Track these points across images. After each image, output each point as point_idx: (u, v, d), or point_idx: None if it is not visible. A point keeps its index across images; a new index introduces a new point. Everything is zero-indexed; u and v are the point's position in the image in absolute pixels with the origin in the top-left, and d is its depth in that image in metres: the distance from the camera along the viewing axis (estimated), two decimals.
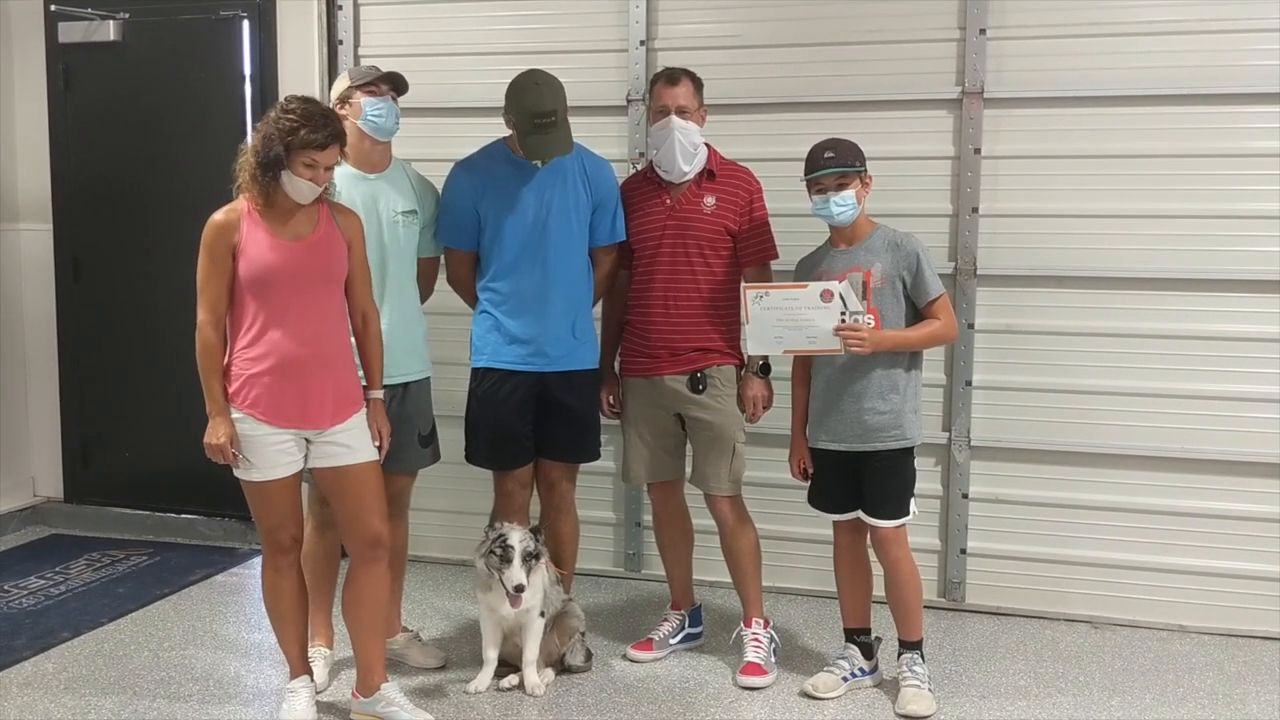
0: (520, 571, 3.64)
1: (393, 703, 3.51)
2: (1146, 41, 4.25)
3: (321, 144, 3.23)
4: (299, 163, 3.22)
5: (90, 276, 5.56)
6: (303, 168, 3.23)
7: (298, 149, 3.21)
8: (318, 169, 3.26)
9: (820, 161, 3.59)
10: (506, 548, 3.66)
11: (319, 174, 3.27)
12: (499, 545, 3.68)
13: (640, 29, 4.69)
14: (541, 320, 3.84)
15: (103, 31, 5.37)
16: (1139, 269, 4.31)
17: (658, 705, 3.71)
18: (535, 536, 3.74)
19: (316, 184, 3.28)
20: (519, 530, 3.72)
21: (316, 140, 3.22)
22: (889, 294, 3.59)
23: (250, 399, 3.30)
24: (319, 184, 3.29)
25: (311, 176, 3.25)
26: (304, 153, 3.22)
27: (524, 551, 3.66)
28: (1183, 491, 4.35)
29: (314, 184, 3.27)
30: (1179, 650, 4.20)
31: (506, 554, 3.65)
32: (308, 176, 3.25)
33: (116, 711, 3.64)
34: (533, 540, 3.71)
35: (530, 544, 3.69)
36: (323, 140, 3.23)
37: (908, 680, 3.68)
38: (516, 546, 3.65)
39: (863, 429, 3.61)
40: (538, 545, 3.72)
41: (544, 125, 3.69)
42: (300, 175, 3.24)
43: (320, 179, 3.28)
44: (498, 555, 3.67)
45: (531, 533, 3.74)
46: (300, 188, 3.26)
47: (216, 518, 5.38)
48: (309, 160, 3.23)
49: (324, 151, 3.25)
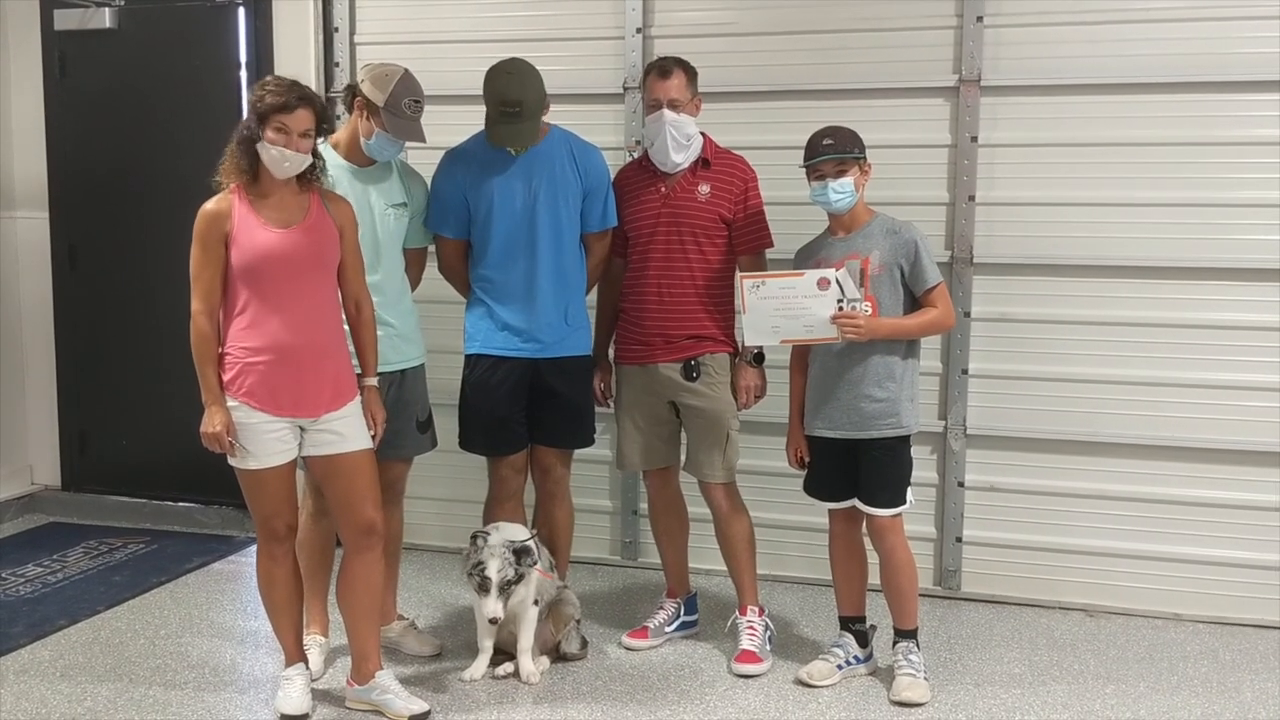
0: (496, 604, 3.58)
1: (388, 690, 3.52)
2: (1145, 29, 4.23)
3: (290, 107, 3.22)
4: (269, 129, 3.22)
5: (87, 264, 5.56)
6: (273, 133, 3.22)
7: (267, 115, 3.21)
8: (290, 135, 3.23)
9: (819, 148, 3.58)
10: (484, 577, 3.60)
11: (292, 140, 3.24)
12: (478, 572, 3.62)
13: (637, 16, 4.67)
14: (532, 307, 3.84)
15: (99, 19, 5.36)
16: (1136, 257, 4.30)
17: (653, 693, 3.72)
18: (520, 557, 3.64)
19: (289, 150, 3.23)
20: (499, 556, 3.61)
21: (281, 103, 3.21)
22: (886, 282, 3.58)
23: (246, 387, 3.29)
24: (292, 150, 3.24)
25: (284, 143, 3.22)
26: (274, 118, 3.21)
27: (501, 581, 3.59)
28: (1179, 480, 4.35)
29: (286, 150, 3.23)
30: (1174, 638, 4.20)
31: (484, 583, 3.61)
32: (280, 142, 3.22)
33: (112, 699, 3.64)
34: (513, 566, 3.62)
35: (509, 571, 3.61)
36: (289, 103, 3.22)
37: (902, 668, 3.68)
38: (494, 578, 3.59)
39: (859, 417, 3.61)
40: (520, 568, 3.64)
41: (509, 114, 3.67)
42: (273, 142, 3.22)
43: (293, 145, 3.24)
44: (476, 580, 3.63)
45: (515, 554, 3.64)
46: (274, 157, 3.23)
47: (214, 506, 5.38)
48: (278, 124, 3.22)
49: (292, 114, 3.22)
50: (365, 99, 3.62)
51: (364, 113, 3.63)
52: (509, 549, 3.64)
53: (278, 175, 3.28)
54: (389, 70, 3.64)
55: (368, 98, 3.61)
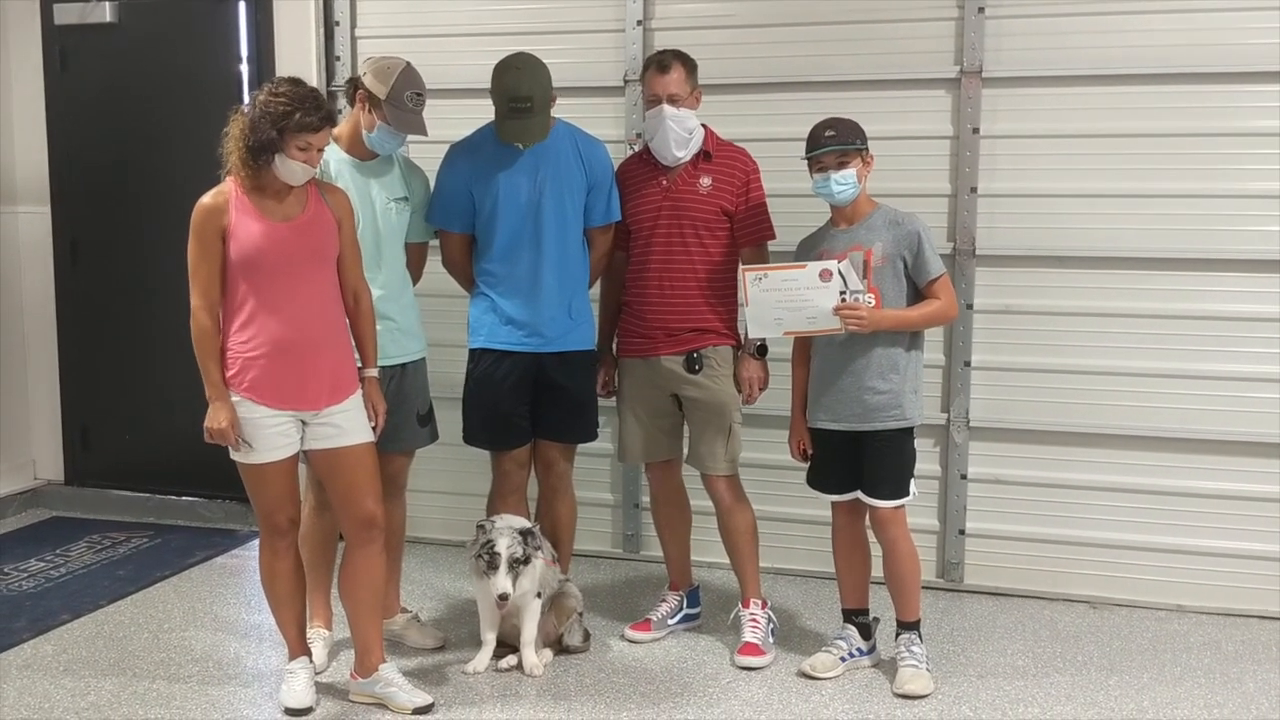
0: (505, 580, 3.60)
1: (391, 683, 3.52)
2: (1146, 20, 4.22)
3: (316, 127, 3.23)
4: (293, 146, 3.22)
5: (89, 259, 5.55)
6: (297, 150, 3.22)
7: (292, 132, 3.20)
8: (311, 151, 3.25)
9: (821, 140, 3.57)
10: (493, 554, 3.62)
11: (313, 155, 3.27)
12: (486, 550, 3.64)
13: (637, 9, 4.67)
14: (536, 301, 3.83)
15: (99, 13, 5.35)
16: (1139, 249, 4.29)
17: (655, 685, 3.72)
18: (526, 539, 3.68)
19: (310, 166, 3.27)
20: (506, 535, 3.65)
21: (311, 124, 3.22)
22: (889, 273, 3.58)
23: (248, 382, 3.29)
24: (313, 165, 3.28)
25: (306, 159, 3.25)
26: (299, 136, 3.21)
27: (510, 558, 3.61)
28: (1182, 471, 4.34)
29: (308, 166, 3.26)
30: (1177, 630, 4.20)
31: (493, 560, 3.62)
32: (302, 159, 3.24)
33: (116, 693, 3.65)
34: (521, 545, 3.65)
35: (518, 549, 3.64)
36: (317, 123, 3.23)
37: (905, 660, 3.68)
38: (503, 553, 3.61)
39: (862, 409, 3.61)
40: (527, 549, 3.67)
41: (519, 110, 3.67)
42: (295, 158, 3.23)
43: (314, 160, 3.28)
44: (485, 560, 3.65)
45: (522, 535, 3.68)
46: (294, 170, 3.25)
47: (217, 500, 5.38)
48: (303, 143, 3.22)
49: (318, 134, 3.24)
50: (367, 92, 3.62)
51: (366, 106, 3.63)
52: (516, 531, 3.68)
53: (292, 184, 3.29)
54: (391, 63, 3.64)
55: (370, 90, 3.61)
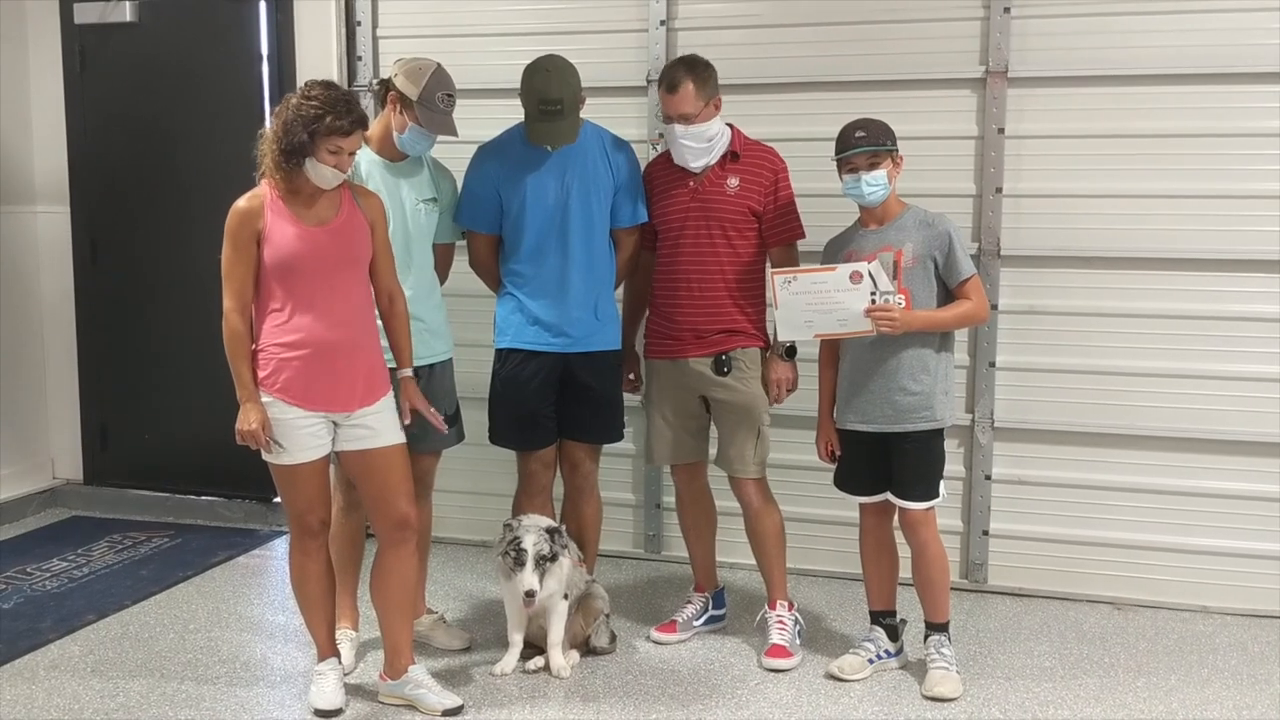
0: (532, 576, 3.60)
1: (420, 685, 3.52)
2: (1173, 20, 4.20)
3: (347, 130, 3.23)
4: (324, 149, 3.22)
5: (108, 258, 5.55)
6: (327, 154, 3.23)
7: (323, 136, 3.20)
8: (342, 155, 3.25)
9: (852, 141, 3.57)
10: (520, 550, 3.62)
11: (344, 159, 3.27)
12: (513, 547, 3.64)
13: (660, 9, 4.66)
14: (563, 302, 3.83)
15: (119, 12, 5.35)
16: (1166, 249, 4.28)
17: (684, 687, 3.71)
18: (553, 537, 3.69)
19: (341, 170, 3.27)
20: (533, 532, 3.66)
21: (342, 127, 3.22)
22: (920, 274, 3.57)
23: (281, 383, 3.29)
24: (344, 170, 3.28)
25: (336, 163, 3.25)
26: (329, 139, 3.21)
27: (537, 555, 3.62)
28: (1206, 472, 4.34)
29: (339, 170, 3.26)
30: (1202, 630, 4.19)
31: (520, 557, 3.62)
32: (332, 163, 3.24)
33: (145, 694, 3.65)
34: (548, 542, 3.66)
35: (545, 546, 3.64)
36: (348, 127, 3.23)
37: (935, 662, 3.68)
38: (529, 550, 3.61)
39: (893, 410, 3.60)
40: (554, 546, 3.67)
41: (549, 113, 3.68)
42: (325, 162, 3.23)
43: (345, 165, 3.28)
44: (511, 557, 3.65)
45: (548, 533, 3.68)
46: (325, 174, 3.25)
47: (237, 500, 5.39)
48: (334, 147, 3.22)
49: (349, 138, 3.24)
50: (399, 93, 3.62)
51: (397, 106, 3.63)
52: (543, 529, 3.68)
53: (324, 188, 3.29)
54: (422, 64, 3.64)
55: (401, 91, 3.61)
